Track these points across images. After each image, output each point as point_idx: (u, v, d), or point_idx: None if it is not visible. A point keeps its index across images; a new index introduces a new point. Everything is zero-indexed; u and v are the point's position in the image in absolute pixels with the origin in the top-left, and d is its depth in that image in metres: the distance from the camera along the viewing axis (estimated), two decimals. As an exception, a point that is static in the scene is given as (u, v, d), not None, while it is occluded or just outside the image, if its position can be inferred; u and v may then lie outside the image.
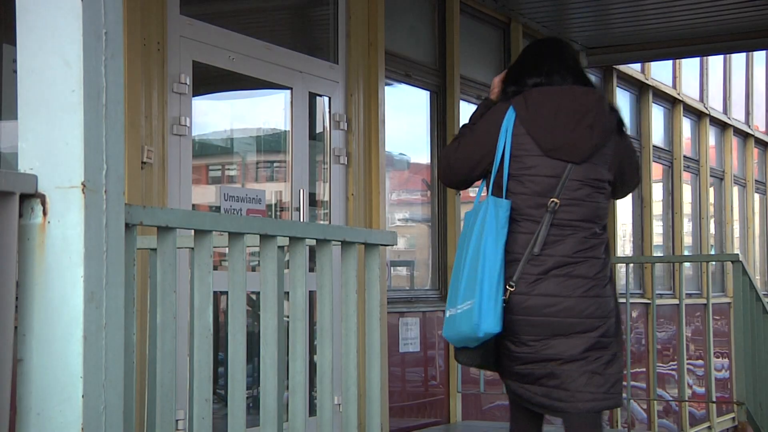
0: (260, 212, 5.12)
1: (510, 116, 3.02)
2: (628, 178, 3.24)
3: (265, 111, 5.66)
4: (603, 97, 3.12)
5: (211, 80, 5.14)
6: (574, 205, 3.05)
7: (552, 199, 2.97)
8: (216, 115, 5.33)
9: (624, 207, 9.59)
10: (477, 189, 3.31)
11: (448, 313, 3.03)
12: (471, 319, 2.88)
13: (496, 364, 3.09)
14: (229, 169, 5.52)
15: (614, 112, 3.12)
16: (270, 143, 5.63)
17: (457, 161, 3.15)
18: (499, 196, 3.02)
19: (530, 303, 2.95)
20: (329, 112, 5.71)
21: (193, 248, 2.26)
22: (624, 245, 9.61)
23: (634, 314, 9.22)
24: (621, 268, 8.77)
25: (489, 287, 2.85)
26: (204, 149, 5.21)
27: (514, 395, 3.06)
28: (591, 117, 3.04)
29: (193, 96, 4.73)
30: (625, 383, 7.75)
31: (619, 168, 3.18)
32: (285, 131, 5.48)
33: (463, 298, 2.94)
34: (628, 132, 3.21)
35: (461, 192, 6.83)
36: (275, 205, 5.44)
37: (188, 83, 4.67)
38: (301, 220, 5.30)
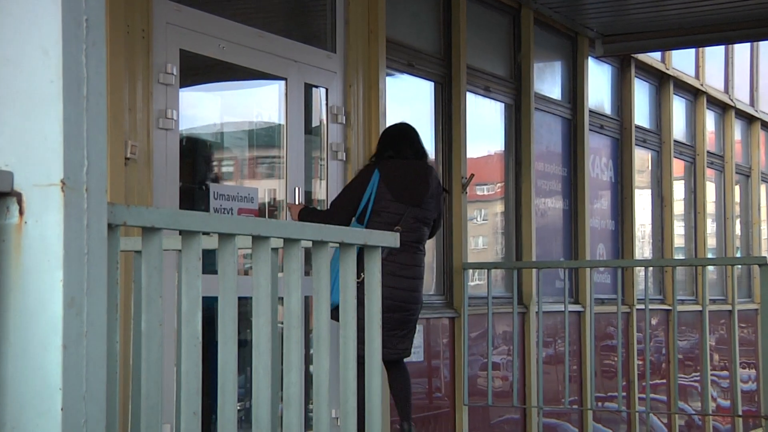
0: (252, 212, 5.13)
1: (376, 175, 5.10)
2: (438, 224, 5.38)
3: (257, 103, 5.66)
4: (433, 168, 5.38)
5: (200, 70, 5.14)
6: (409, 231, 5.12)
7: (397, 227, 5.06)
8: (205, 108, 5.34)
9: (643, 206, 9.60)
10: (483, 188, 4.17)
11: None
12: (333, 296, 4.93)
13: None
14: (219, 165, 5.52)
15: (437, 179, 5.37)
16: (263, 138, 5.64)
17: (341, 205, 5.10)
18: (361, 224, 5.02)
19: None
20: (326, 104, 5.71)
21: (180, 250, 2.26)
22: (643, 247, 9.62)
23: (654, 321, 9.23)
24: (640, 272, 8.78)
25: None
26: (192, 144, 5.22)
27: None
28: (425, 179, 5.22)
29: (181, 87, 4.73)
30: (644, 396, 7.75)
31: (438, 214, 5.33)
32: (279, 125, 5.48)
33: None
34: (443, 194, 5.44)
35: (468, 190, 6.83)
36: (268, 203, 5.44)
37: (175, 73, 4.68)
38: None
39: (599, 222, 8.82)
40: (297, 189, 5.37)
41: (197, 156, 5.38)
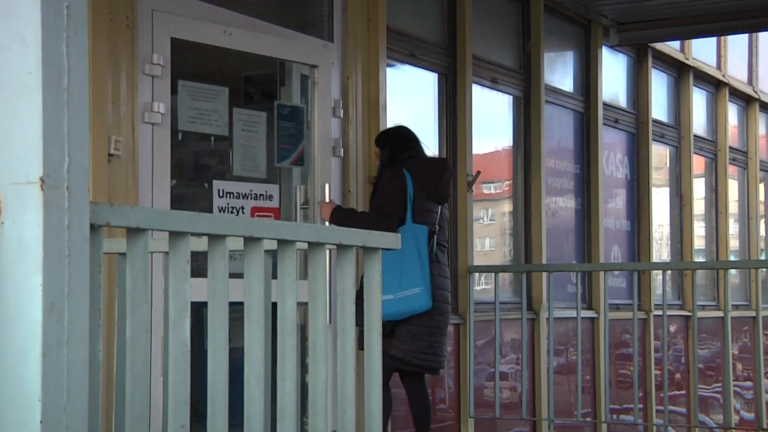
0: (272, 211, 5.11)
1: (407, 176, 5.25)
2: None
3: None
4: (449, 163, 5.77)
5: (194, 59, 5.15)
6: (443, 230, 5.39)
7: (435, 226, 5.33)
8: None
9: (661, 206, 9.61)
10: (490, 186, 4.31)
11: (393, 296, 5.09)
12: (420, 299, 5.16)
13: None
14: (222, 162, 5.50)
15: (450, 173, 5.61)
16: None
17: (390, 212, 5.20)
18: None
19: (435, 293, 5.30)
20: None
21: (167, 253, 2.26)
22: (660, 249, 9.62)
23: (672, 329, 9.23)
24: (657, 276, 8.78)
25: (427, 280, 5.18)
26: (192, 139, 5.21)
27: (401, 361, 5.25)
28: (446, 175, 5.45)
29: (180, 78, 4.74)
30: (661, 408, 7.76)
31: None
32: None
33: (408, 286, 5.15)
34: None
35: (474, 188, 6.83)
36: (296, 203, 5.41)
37: (162, 64, 4.68)
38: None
39: (614, 222, 8.82)
40: (327, 185, 5.36)
41: (197, 151, 5.38)
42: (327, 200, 5.32)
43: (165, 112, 4.69)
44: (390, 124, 6.02)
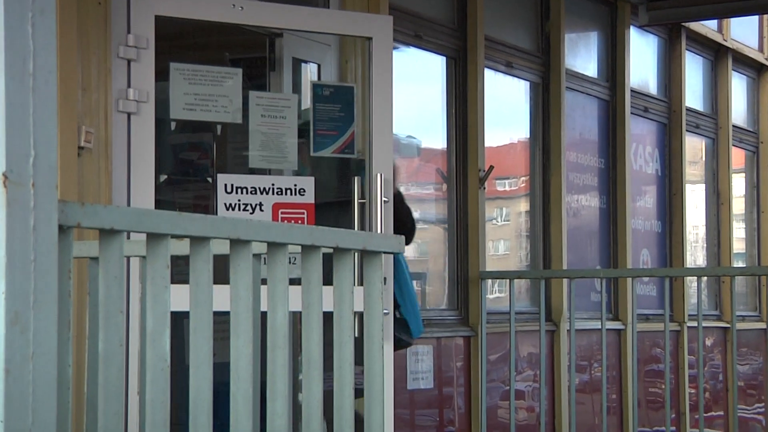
0: (305, 207, 5.05)
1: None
2: None
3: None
4: None
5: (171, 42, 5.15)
6: None
7: None
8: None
9: (696, 204, 9.61)
10: (505, 182, 4.16)
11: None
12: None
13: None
14: (232, 153, 5.47)
15: None
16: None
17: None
18: None
19: None
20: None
21: (145, 257, 2.27)
22: (695, 253, 9.62)
23: (709, 342, 9.23)
24: (692, 283, 8.78)
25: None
26: (185, 129, 5.20)
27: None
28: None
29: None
30: (697, 430, 7.75)
31: None
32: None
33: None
34: None
35: (486, 185, 6.83)
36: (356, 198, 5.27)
37: (139, 45, 4.67)
38: (378, 216, 5.16)
39: (643, 223, 8.82)
40: (380, 176, 5.20)
41: (196, 142, 5.37)
42: (381, 195, 5.17)
43: (145, 100, 4.69)
44: (394, 113, 6.02)
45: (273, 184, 4.99)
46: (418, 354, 6.36)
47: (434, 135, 6.88)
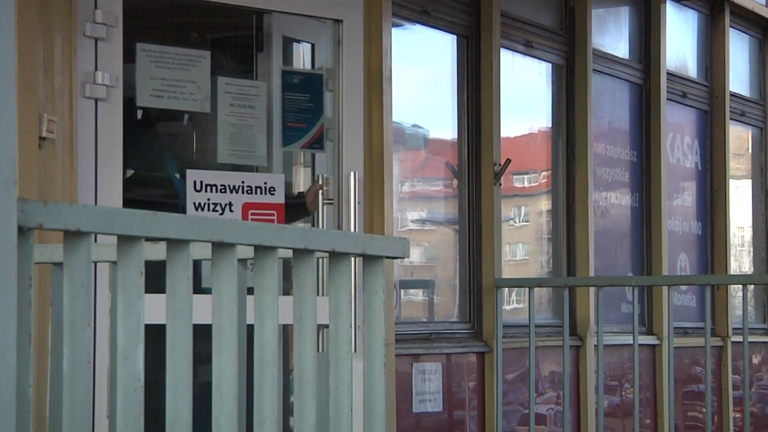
0: (274, 208, 5.07)
1: None
2: None
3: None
4: None
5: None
6: None
7: None
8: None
9: (741, 203, 9.60)
10: (524, 178, 4.00)
11: None
12: None
13: None
14: (201, 146, 5.49)
15: None
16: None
17: None
18: None
19: None
20: (312, 65, 5.72)
21: (115, 262, 2.28)
22: (740, 259, 9.62)
23: (756, 359, 9.23)
24: (737, 292, 8.77)
25: None
26: (155, 117, 5.21)
27: None
28: None
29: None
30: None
31: None
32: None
33: None
34: None
35: (502, 181, 6.83)
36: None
37: (108, 23, 4.68)
38: (352, 219, 5.22)
39: (681, 224, 8.82)
40: (353, 174, 5.24)
41: (164, 133, 5.38)
42: (355, 196, 5.23)
43: (113, 84, 4.70)
44: (396, 99, 6.03)
45: (243, 182, 5.01)
46: (425, 373, 6.36)
47: (443, 124, 6.88)
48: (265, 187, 5.04)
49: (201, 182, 4.94)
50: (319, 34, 5.71)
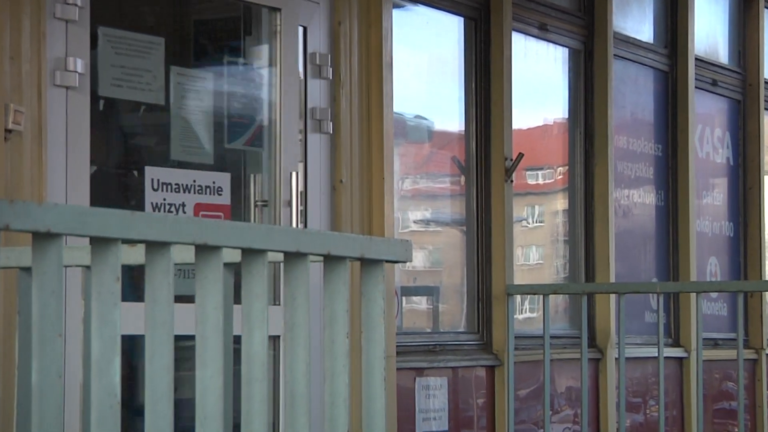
0: (221, 209, 5.11)
1: None
2: None
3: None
4: None
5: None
6: None
7: None
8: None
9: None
10: (538, 174, 3.97)
11: None
12: None
13: None
14: (162, 140, 5.52)
15: None
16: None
17: None
18: None
19: None
20: (304, 50, 5.73)
21: (89, 267, 2.28)
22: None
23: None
24: (771, 300, 8.77)
25: None
26: (117, 108, 5.22)
27: None
28: None
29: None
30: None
31: None
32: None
33: None
34: None
35: (514, 177, 6.84)
36: (248, 197, 5.40)
37: (79, 3, 4.69)
38: (293, 222, 5.29)
39: (711, 225, 8.82)
40: (294, 174, 5.29)
41: (125, 125, 5.39)
42: (295, 196, 5.33)
43: (84, 72, 4.70)
44: (398, 87, 6.03)
45: (194, 181, 5.04)
46: (430, 388, 6.37)
47: (449, 115, 6.88)
48: (214, 187, 5.09)
49: (158, 180, 4.97)
50: (311, 16, 5.72)
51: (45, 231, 2.11)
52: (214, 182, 5.14)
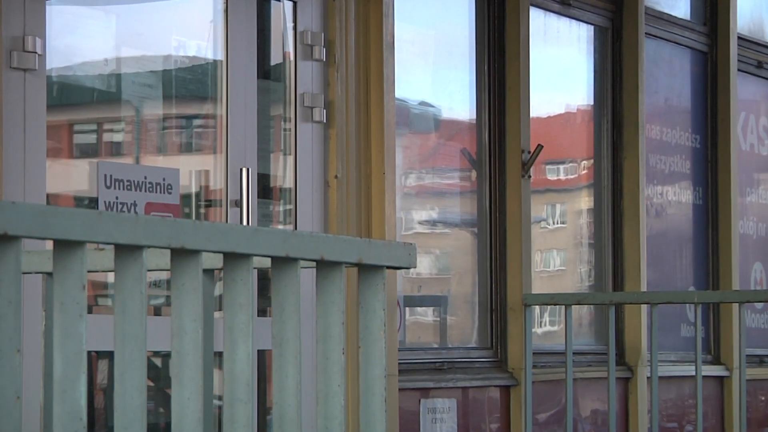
0: (170, 209, 5.14)
1: None
2: None
3: (178, 26, 5.69)
4: None
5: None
6: None
7: None
8: (90, 35, 5.36)
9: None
10: (559, 168, 4.00)
11: None
12: None
13: None
14: (113, 130, 5.55)
15: None
16: (187, 84, 5.67)
17: None
18: None
19: None
20: (294, 28, 5.74)
21: (51, 273, 2.29)
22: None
23: None
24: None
25: None
26: (68, 94, 5.24)
27: None
28: None
29: (51, 1, 4.76)
30: None
31: None
32: (214, 62, 5.51)
33: None
34: None
35: (532, 172, 6.84)
36: (198, 194, 5.44)
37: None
38: (245, 221, 5.32)
39: (755, 226, 8.83)
40: (246, 170, 5.35)
41: (77, 114, 5.40)
42: (251, 195, 5.35)
43: (41, 52, 4.71)
44: (400, 70, 6.04)
45: (146, 177, 5.05)
46: (436, 411, 6.38)
47: (459, 102, 6.89)
48: (164, 184, 5.10)
49: (111, 177, 4.98)
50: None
51: (2, 233, 2.12)
52: (164, 179, 5.14)
